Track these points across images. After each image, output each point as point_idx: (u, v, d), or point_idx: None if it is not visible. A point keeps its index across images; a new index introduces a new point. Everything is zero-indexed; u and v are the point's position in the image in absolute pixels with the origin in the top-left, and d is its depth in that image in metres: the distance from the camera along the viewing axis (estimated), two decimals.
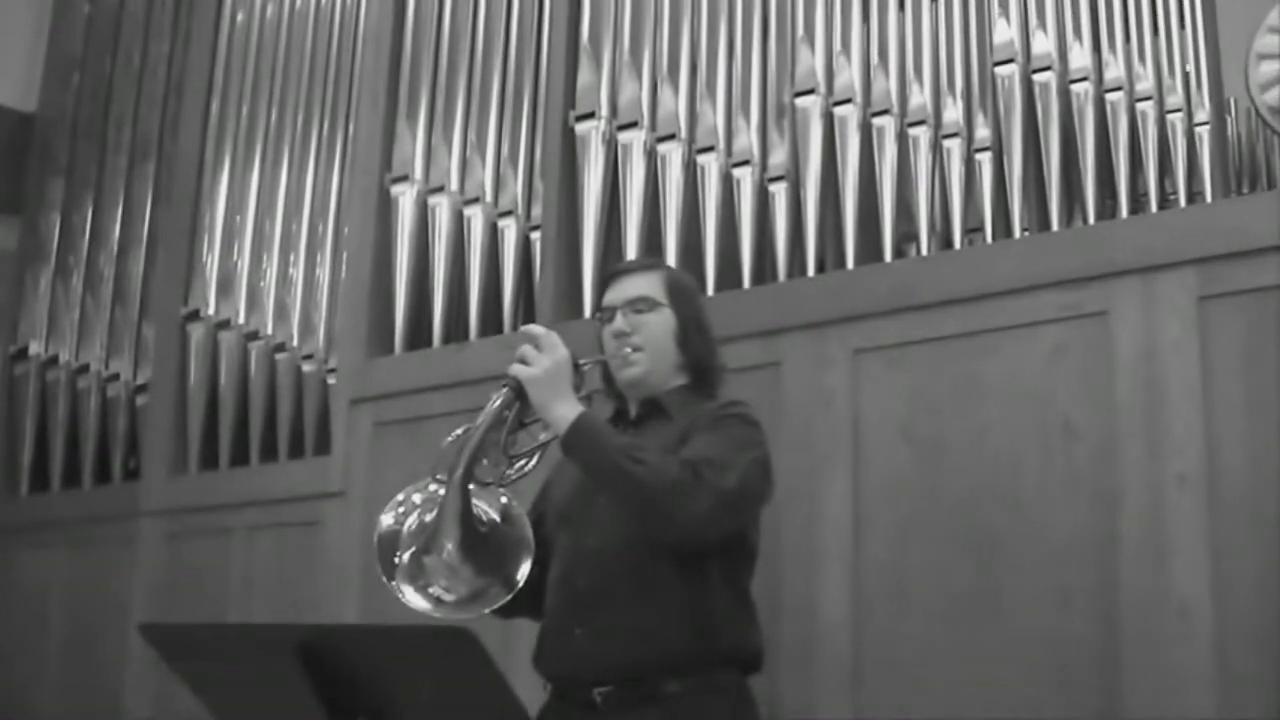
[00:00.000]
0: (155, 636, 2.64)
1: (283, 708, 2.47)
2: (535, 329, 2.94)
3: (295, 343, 5.58)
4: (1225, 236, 3.45)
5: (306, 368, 5.50)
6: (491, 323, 4.89)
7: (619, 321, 3.10)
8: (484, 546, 2.74)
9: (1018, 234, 3.93)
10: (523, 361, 2.88)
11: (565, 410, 2.85)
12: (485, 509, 2.78)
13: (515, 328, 4.78)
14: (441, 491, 2.75)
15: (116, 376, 6.34)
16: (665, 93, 4.56)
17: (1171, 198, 3.76)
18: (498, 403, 2.84)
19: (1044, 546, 3.54)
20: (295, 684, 2.37)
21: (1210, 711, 3.25)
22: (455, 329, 4.98)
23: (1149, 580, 3.37)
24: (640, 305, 3.11)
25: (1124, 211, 3.78)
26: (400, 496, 2.83)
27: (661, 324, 3.10)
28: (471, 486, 2.76)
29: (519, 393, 2.86)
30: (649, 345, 3.09)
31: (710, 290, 4.27)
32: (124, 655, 5.64)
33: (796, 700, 3.79)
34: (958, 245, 3.98)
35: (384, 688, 2.41)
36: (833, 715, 3.76)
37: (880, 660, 3.73)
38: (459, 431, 2.80)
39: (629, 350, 3.08)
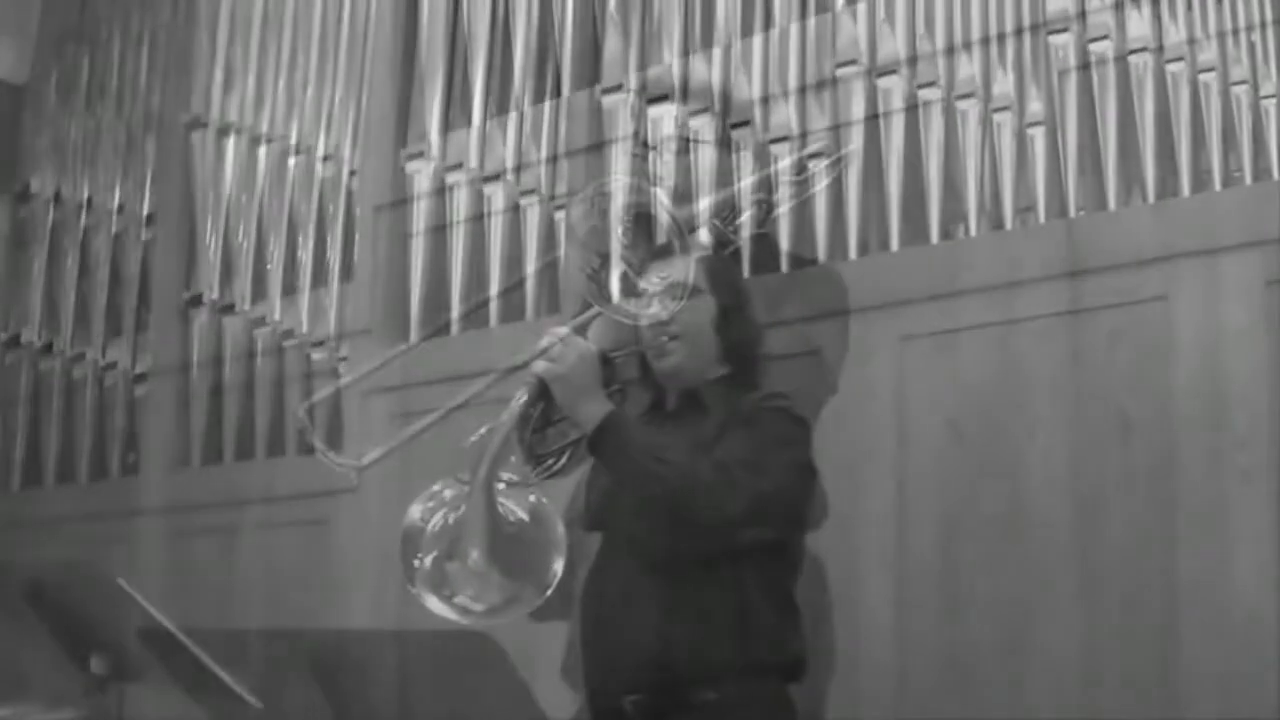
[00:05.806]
0: (155, 642, 2.67)
1: (290, 718, 2.50)
2: (557, 330, 2.96)
3: (305, 329, 5.61)
4: None
5: (316, 356, 5.52)
6: (514, 308, 4.91)
7: None
8: (513, 549, 2.77)
9: (1073, 214, 3.92)
10: (549, 358, 2.90)
11: (593, 409, 2.88)
12: (513, 509, 2.81)
13: (539, 314, 4.80)
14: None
15: (114, 365, 6.36)
16: (697, 64, 4.57)
17: (1236, 175, 3.74)
18: (522, 400, 2.87)
19: (1099, 546, 3.56)
20: (304, 693, 2.40)
21: None
22: (475, 315, 5.00)
23: (1211, 583, 3.38)
24: (678, 291, 3.12)
25: (1186, 190, 3.76)
26: (436, 487, 2.86)
27: (701, 311, 3.11)
28: (500, 486, 2.79)
29: (543, 390, 2.88)
30: (687, 333, 3.10)
31: (745, 274, 4.27)
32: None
33: (840, 705, 3.81)
34: (1009, 226, 3.99)
35: (399, 696, 2.44)
36: None
37: (926, 664, 3.75)
38: (484, 430, 2.82)
39: (665, 339, 3.09)
